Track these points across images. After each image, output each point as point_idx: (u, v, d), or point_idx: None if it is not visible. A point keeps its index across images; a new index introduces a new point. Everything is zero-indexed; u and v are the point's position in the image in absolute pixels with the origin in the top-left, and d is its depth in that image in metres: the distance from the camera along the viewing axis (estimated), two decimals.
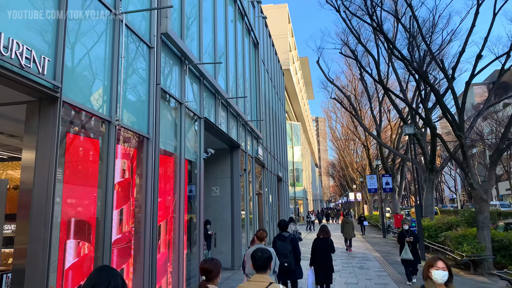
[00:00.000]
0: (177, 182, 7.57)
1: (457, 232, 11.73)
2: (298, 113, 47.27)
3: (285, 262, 6.43)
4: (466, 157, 11.05)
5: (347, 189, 70.59)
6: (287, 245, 6.58)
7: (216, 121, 10.34)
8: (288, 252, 6.53)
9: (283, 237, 6.74)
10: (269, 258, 3.13)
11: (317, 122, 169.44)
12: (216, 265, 3.02)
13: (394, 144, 30.10)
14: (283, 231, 6.92)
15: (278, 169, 22.82)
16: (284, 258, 6.47)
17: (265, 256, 3.11)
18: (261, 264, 3.08)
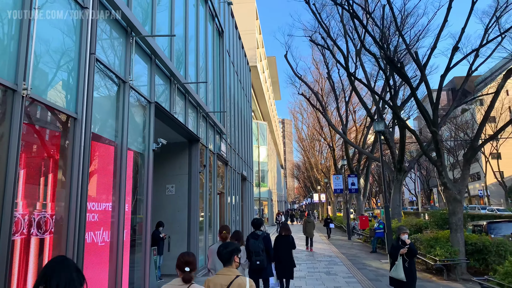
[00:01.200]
0: (117, 177, 6.29)
1: (429, 235, 11.10)
2: (265, 112, 46.42)
3: (257, 260, 6.45)
4: (440, 155, 10.45)
5: (311, 190, 70.72)
6: (260, 243, 6.58)
7: (171, 108, 9.10)
8: (261, 250, 6.54)
9: (256, 235, 6.75)
10: (232, 251, 3.26)
11: (283, 124, 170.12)
12: (195, 257, 3.06)
13: (360, 146, 29.86)
14: (257, 229, 6.95)
15: (243, 168, 21.74)
16: (257, 256, 6.48)
17: (228, 250, 3.24)
18: (226, 257, 3.23)
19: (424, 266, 11.66)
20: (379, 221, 16.00)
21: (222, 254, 3.30)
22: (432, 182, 74.93)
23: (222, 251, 3.30)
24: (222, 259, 3.29)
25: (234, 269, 3.24)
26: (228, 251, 3.28)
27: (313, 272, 11.19)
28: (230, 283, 3.10)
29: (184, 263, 2.99)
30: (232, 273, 3.18)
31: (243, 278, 3.15)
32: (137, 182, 7.47)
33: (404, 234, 6.53)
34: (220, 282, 3.16)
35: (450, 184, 10.37)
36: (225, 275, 3.17)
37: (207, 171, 12.39)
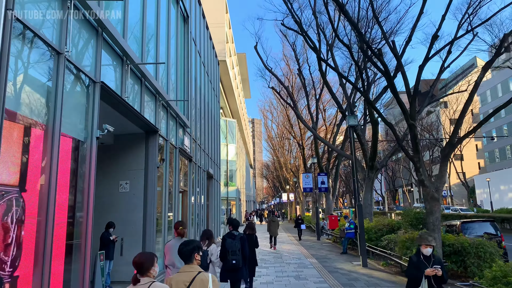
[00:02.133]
0: (47, 168, 5.11)
1: (404, 236, 10.47)
2: (234, 110, 45.36)
3: (233, 259, 6.46)
4: (418, 150, 9.83)
5: (280, 190, 70.34)
6: (237, 243, 6.62)
7: (122, 92, 7.93)
8: (237, 250, 6.56)
9: (233, 235, 6.79)
10: (193, 249, 3.28)
11: (253, 123, 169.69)
12: (147, 257, 3.00)
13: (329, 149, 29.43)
14: (235, 229, 7.01)
15: (209, 165, 20.62)
16: (233, 255, 6.50)
17: (189, 248, 3.26)
18: (187, 255, 3.25)
19: (398, 269, 11.03)
20: (350, 221, 15.37)
21: (182, 252, 3.27)
22: (397, 183, 76.45)
23: (183, 249, 3.27)
24: (182, 257, 3.27)
25: (195, 266, 3.23)
26: (188, 249, 3.26)
27: (282, 277, 10.30)
28: (193, 280, 3.09)
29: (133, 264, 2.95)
30: (193, 270, 3.16)
31: (205, 274, 3.14)
32: (77, 175, 6.27)
33: (427, 246, 4.67)
34: (182, 279, 3.13)
35: (427, 182, 9.77)
36: (186, 272, 3.16)
37: (166, 166, 11.24)
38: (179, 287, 3.12)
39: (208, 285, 3.12)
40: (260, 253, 15.83)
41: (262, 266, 12.26)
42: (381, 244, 12.60)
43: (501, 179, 45.92)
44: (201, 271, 3.20)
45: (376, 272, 10.69)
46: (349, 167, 78.13)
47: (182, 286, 3.10)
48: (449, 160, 9.85)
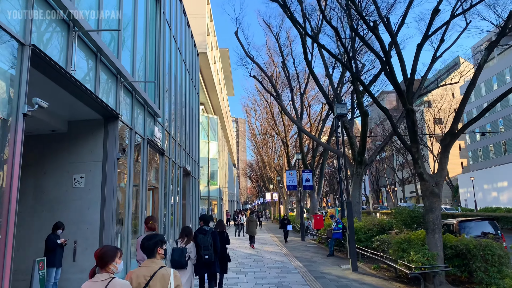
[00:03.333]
0: None
1: (399, 237, 9.30)
2: (216, 106, 43.87)
3: (206, 254, 6.54)
4: (416, 139, 8.67)
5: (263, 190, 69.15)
6: (208, 238, 6.71)
7: (67, 64, 6.49)
8: (209, 245, 6.67)
9: (204, 230, 6.84)
10: (156, 243, 3.19)
11: (237, 123, 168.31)
12: (108, 251, 2.88)
13: (314, 145, 28.32)
14: (206, 224, 7.04)
15: (187, 161, 19.18)
16: (205, 250, 6.59)
17: (152, 242, 3.17)
18: (150, 249, 3.16)
19: (392, 273, 9.85)
20: (337, 221, 14.18)
21: (145, 246, 3.20)
22: (381, 182, 76.26)
23: (145, 243, 3.20)
24: (145, 251, 3.19)
25: (157, 260, 3.17)
26: (151, 243, 3.19)
27: (262, 284, 8.99)
28: (154, 274, 3.02)
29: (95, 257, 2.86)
30: (155, 264, 3.11)
31: (167, 269, 3.10)
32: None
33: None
34: (143, 273, 3.06)
35: (426, 175, 8.62)
36: (148, 267, 3.10)
37: (130, 158, 9.81)
38: (139, 281, 3.02)
39: (170, 280, 3.03)
40: (239, 256, 14.52)
41: (241, 271, 10.94)
42: (372, 246, 11.45)
43: (485, 178, 45.74)
44: (163, 266, 3.10)
45: (368, 278, 9.49)
46: (333, 167, 77.58)
47: (143, 281, 3.02)
48: (449, 151, 8.71)
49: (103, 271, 2.80)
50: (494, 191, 44.68)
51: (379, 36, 8.66)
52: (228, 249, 17.06)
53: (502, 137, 50.97)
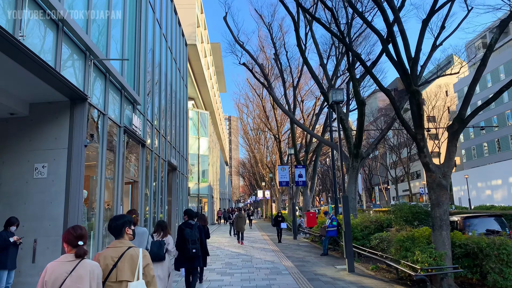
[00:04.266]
0: None
1: (401, 234, 8.38)
2: (207, 102, 42.78)
3: (193, 248, 6.61)
4: (422, 124, 7.75)
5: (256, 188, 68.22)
6: (195, 232, 6.79)
7: (14, 29, 5.47)
8: (196, 239, 6.74)
9: (190, 224, 6.91)
10: (124, 223, 3.11)
11: (229, 121, 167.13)
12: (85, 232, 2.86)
13: (307, 137, 27.43)
14: (190, 219, 7.08)
15: (173, 155, 18.14)
16: (193, 244, 6.66)
17: (119, 222, 3.10)
18: (118, 229, 3.06)
19: (393, 275, 8.94)
20: (331, 218, 13.26)
21: (112, 226, 3.08)
22: (374, 181, 75.73)
23: (113, 224, 3.09)
24: (113, 231, 3.08)
25: (125, 241, 3.05)
26: (119, 223, 3.09)
27: (248, 287, 8.02)
28: (122, 255, 2.92)
29: (77, 237, 2.75)
30: (123, 245, 3.00)
31: (136, 249, 3.00)
32: None
33: None
34: (110, 254, 2.94)
35: (433, 166, 7.70)
36: (116, 248, 2.98)
37: (102, 145, 8.77)
38: (107, 262, 2.90)
39: (138, 260, 2.94)
40: (227, 255, 13.54)
41: (226, 272, 9.96)
42: (370, 244, 10.54)
43: (478, 176, 45.26)
44: (131, 246, 3.02)
45: (366, 280, 8.57)
46: (325, 165, 76.81)
47: (110, 262, 2.90)
48: (457, 139, 7.81)
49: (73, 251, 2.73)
50: (488, 189, 44.20)
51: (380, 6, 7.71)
52: (216, 248, 15.86)
53: (496, 135, 50.60)
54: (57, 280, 2.61)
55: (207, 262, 9.39)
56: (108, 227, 3.12)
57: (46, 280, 2.61)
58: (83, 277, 2.64)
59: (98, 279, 2.74)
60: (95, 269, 2.74)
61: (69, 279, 2.61)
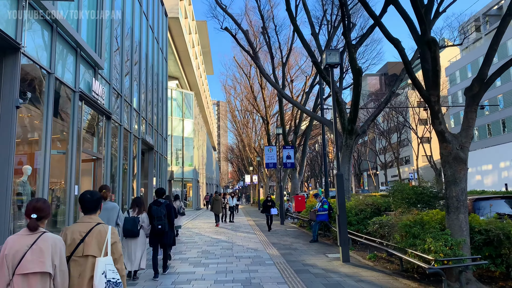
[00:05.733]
0: None
1: (407, 218, 7.02)
2: (193, 82, 40.83)
3: (159, 224, 6.85)
4: (437, 83, 6.32)
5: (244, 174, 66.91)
6: (162, 209, 6.98)
7: None
8: (162, 216, 6.92)
9: (159, 202, 7.14)
10: (99, 200, 3.12)
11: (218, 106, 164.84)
12: (48, 205, 2.80)
13: (296, 118, 26.00)
14: (159, 197, 7.36)
15: (149, 133, 16.53)
16: (158, 221, 6.87)
17: (95, 198, 3.09)
18: (92, 205, 3.04)
19: (395, 266, 7.63)
20: (322, 200, 11.91)
21: (87, 201, 3.03)
22: (363, 166, 75.02)
23: (89, 199, 3.03)
24: (87, 206, 3.03)
25: (95, 217, 3.02)
26: (95, 199, 3.07)
27: (223, 282, 6.60)
28: (90, 230, 2.88)
29: (31, 209, 2.67)
30: (92, 221, 2.96)
31: (104, 226, 2.97)
32: None
33: None
34: (78, 229, 2.89)
35: (449, 135, 6.31)
36: (84, 223, 2.94)
37: (47, 112, 7.15)
38: (74, 237, 2.86)
39: (107, 236, 2.89)
40: (205, 242, 12.13)
41: (200, 263, 8.54)
42: (366, 230, 9.22)
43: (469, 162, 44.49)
44: (100, 222, 2.98)
45: (364, 272, 7.23)
46: (314, 151, 75.71)
47: (78, 236, 2.85)
48: (478, 104, 6.40)
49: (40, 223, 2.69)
50: (478, 174, 43.57)
51: None
52: (196, 234, 14.36)
53: (487, 119, 49.90)
54: (18, 254, 2.55)
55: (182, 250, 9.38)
56: (83, 200, 3.05)
57: (6, 253, 2.53)
58: (44, 250, 2.58)
59: (61, 253, 2.68)
60: (58, 243, 2.67)
61: (29, 253, 2.55)
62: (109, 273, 2.76)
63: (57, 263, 2.61)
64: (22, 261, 2.51)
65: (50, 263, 2.55)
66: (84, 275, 2.75)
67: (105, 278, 2.72)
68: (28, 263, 2.50)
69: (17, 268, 2.50)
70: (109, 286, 2.73)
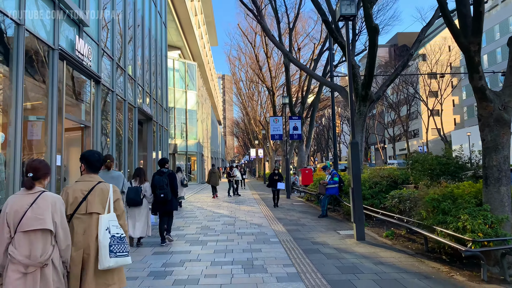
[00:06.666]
0: None
1: (435, 191, 6.06)
2: (196, 53, 39.38)
3: (161, 193, 7.10)
4: (479, 29, 5.19)
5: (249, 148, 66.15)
6: (164, 179, 7.22)
7: None
8: (165, 185, 7.14)
9: (162, 172, 7.41)
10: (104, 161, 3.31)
11: (223, 79, 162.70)
12: (46, 164, 2.83)
13: (304, 89, 24.78)
14: (162, 167, 7.57)
15: (147, 103, 15.55)
16: (161, 190, 7.11)
17: (102, 157, 3.20)
18: (98, 164, 3.12)
19: (418, 245, 6.74)
20: (332, 172, 10.97)
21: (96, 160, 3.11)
22: (370, 140, 73.81)
23: (97, 158, 3.12)
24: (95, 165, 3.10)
25: (96, 176, 3.08)
26: (102, 159, 3.19)
27: (221, 264, 5.76)
28: (92, 188, 2.95)
29: (27, 168, 2.71)
30: (93, 179, 3.02)
31: (106, 184, 3.04)
32: None
33: None
34: (80, 188, 2.97)
35: (490, 92, 5.25)
36: (85, 181, 3.01)
37: (17, 69, 6.16)
38: (76, 195, 2.94)
39: (109, 194, 2.98)
40: (206, 217, 11.35)
41: (198, 240, 7.73)
42: (382, 204, 8.31)
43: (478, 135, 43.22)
44: (101, 181, 3.05)
45: (383, 252, 6.35)
46: (321, 125, 74.40)
47: (80, 194, 2.94)
48: None
49: (36, 184, 2.72)
50: None
51: None
52: (197, 208, 13.76)
53: None
54: (18, 213, 2.60)
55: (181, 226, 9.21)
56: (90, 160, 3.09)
57: (7, 212, 2.60)
58: (44, 208, 2.63)
59: (61, 211, 2.72)
60: (57, 201, 2.72)
61: (30, 211, 2.60)
62: (113, 229, 2.85)
63: (58, 221, 2.66)
64: (23, 219, 2.57)
65: (51, 220, 2.61)
66: (88, 232, 2.85)
67: (109, 234, 2.81)
68: (28, 220, 2.57)
69: (18, 226, 2.56)
70: (113, 241, 2.81)
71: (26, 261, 2.49)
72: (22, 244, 2.53)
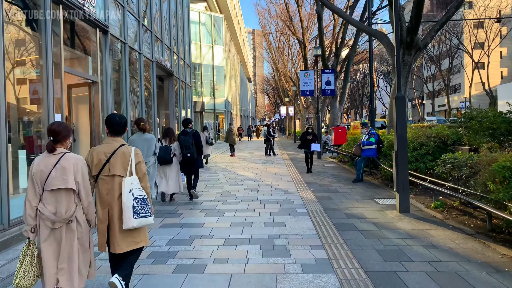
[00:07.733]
0: None
1: (506, 158, 4.77)
2: (223, 5, 37.37)
3: (187, 153, 7.39)
4: None
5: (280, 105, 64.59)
6: (189, 139, 7.44)
7: None
8: (190, 144, 7.41)
9: (186, 132, 7.58)
10: (126, 124, 3.23)
11: (253, 34, 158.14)
12: (65, 127, 2.89)
13: (338, 40, 22.79)
14: (186, 127, 7.73)
15: (166, 56, 14.49)
16: (187, 149, 7.39)
17: (123, 121, 3.19)
18: (119, 128, 3.16)
19: (479, 221, 5.54)
20: (370, 132, 9.69)
21: (116, 123, 3.16)
22: (408, 95, 70.17)
23: (117, 121, 3.17)
24: (116, 128, 3.16)
25: (119, 139, 3.17)
26: (123, 122, 3.20)
27: (236, 243, 4.86)
28: (115, 151, 3.06)
29: (48, 132, 2.84)
30: (116, 142, 3.13)
31: (128, 147, 3.12)
32: None
33: None
34: (103, 150, 3.09)
35: None
36: (109, 144, 3.12)
37: None
38: (100, 157, 3.06)
39: (131, 157, 3.06)
40: (229, 180, 10.52)
41: (216, 209, 6.87)
42: (428, 170, 7.07)
43: None
44: (124, 144, 3.13)
45: (433, 230, 5.23)
46: (355, 81, 71.12)
47: (103, 157, 3.05)
48: None
49: (58, 146, 2.81)
50: None
51: None
52: (221, 170, 13.09)
53: None
54: (44, 172, 2.73)
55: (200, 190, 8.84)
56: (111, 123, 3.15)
57: (34, 172, 2.73)
58: (67, 168, 2.74)
59: (83, 171, 2.82)
60: (79, 162, 2.82)
61: (54, 171, 2.73)
62: (136, 191, 3.01)
63: (80, 180, 2.80)
64: (48, 178, 2.72)
65: (73, 180, 2.76)
66: (112, 193, 3.04)
67: (132, 196, 2.98)
68: (53, 179, 2.72)
69: (45, 185, 2.73)
70: (136, 202, 2.99)
71: (52, 217, 2.70)
72: (49, 201, 2.72)
